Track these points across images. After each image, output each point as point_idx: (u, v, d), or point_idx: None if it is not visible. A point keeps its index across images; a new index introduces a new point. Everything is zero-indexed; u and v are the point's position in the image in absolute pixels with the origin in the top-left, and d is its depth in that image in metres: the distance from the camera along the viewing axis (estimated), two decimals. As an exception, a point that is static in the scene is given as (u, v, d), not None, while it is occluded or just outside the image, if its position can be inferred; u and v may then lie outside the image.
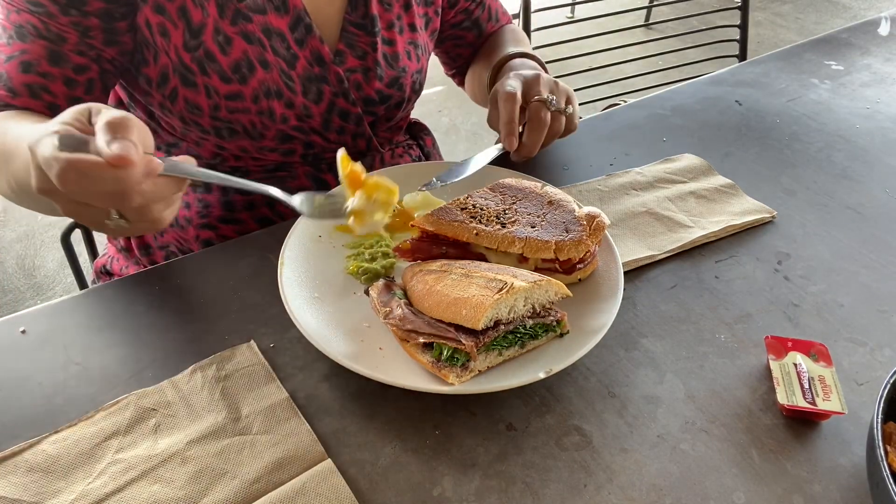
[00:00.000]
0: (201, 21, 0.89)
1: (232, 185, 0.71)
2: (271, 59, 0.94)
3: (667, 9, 4.02)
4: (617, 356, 0.78)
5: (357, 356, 0.72)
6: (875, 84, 1.35)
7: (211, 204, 1.04)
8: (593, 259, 0.83)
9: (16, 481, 0.63)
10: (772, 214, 0.98)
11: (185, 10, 0.88)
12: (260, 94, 0.95)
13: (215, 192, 1.03)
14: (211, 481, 0.63)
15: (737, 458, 0.68)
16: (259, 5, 0.91)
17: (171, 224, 1.06)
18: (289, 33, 0.94)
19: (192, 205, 1.04)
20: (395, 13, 1.04)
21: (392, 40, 1.04)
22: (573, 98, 1.01)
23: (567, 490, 0.65)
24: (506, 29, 1.27)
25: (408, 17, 1.06)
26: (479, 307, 0.68)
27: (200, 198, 1.04)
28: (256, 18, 0.92)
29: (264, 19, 0.92)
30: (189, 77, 0.92)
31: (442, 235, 0.84)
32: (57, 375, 0.73)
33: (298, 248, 0.85)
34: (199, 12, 0.89)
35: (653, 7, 3.93)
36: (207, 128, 0.96)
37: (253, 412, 0.70)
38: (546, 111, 0.95)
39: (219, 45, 0.91)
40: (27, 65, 0.84)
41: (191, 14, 0.89)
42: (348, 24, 1.00)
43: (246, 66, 0.93)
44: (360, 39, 1.01)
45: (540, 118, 0.94)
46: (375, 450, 0.67)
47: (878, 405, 0.60)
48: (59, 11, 0.83)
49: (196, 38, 0.90)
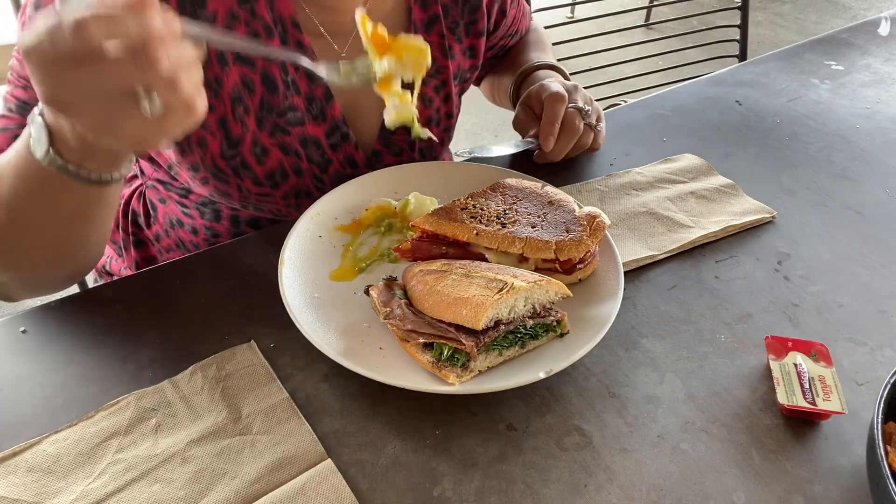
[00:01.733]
0: (240, 135, 0.89)
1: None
2: (305, 166, 0.95)
3: (667, 9, 4.02)
4: (617, 356, 0.78)
5: (357, 356, 0.72)
6: (875, 84, 1.35)
7: (220, 233, 1.03)
8: (593, 259, 0.83)
9: (16, 481, 0.63)
10: (772, 214, 0.98)
11: (225, 122, 0.88)
12: (290, 195, 0.96)
13: (224, 221, 1.02)
14: (211, 481, 0.63)
15: (737, 458, 0.68)
16: (299, 118, 0.91)
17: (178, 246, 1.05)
18: (324, 140, 0.95)
19: (199, 231, 1.03)
20: (435, 107, 1.04)
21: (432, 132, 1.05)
22: (602, 118, 1.04)
23: (567, 490, 0.65)
24: (529, 35, 1.26)
25: (446, 108, 1.06)
26: (479, 307, 0.68)
27: (209, 225, 1.02)
28: (294, 131, 0.92)
29: (302, 130, 0.92)
30: (222, 177, 0.92)
31: (442, 235, 0.84)
32: (57, 375, 0.73)
33: (298, 248, 0.85)
34: (238, 127, 0.89)
35: (653, 7, 3.93)
36: (236, 206, 0.97)
37: (253, 412, 0.70)
38: (581, 120, 0.98)
39: (255, 157, 0.91)
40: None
41: (230, 127, 0.88)
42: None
43: (279, 175, 0.94)
44: (398, 138, 1.01)
45: (574, 125, 0.97)
46: (375, 450, 0.67)
47: (878, 405, 0.60)
48: None
49: (233, 148, 0.90)
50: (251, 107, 0.88)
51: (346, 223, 0.92)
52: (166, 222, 1.05)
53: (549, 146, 0.97)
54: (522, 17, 1.21)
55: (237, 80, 0.86)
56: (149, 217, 1.07)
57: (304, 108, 0.92)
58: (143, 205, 1.07)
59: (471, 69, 1.09)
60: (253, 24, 0.85)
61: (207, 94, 0.75)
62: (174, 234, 1.05)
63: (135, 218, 1.08)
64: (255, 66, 0.87)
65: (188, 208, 1.02)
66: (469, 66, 1.08)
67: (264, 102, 0.89)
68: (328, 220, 0.91)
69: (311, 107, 0.92)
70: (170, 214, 1.04)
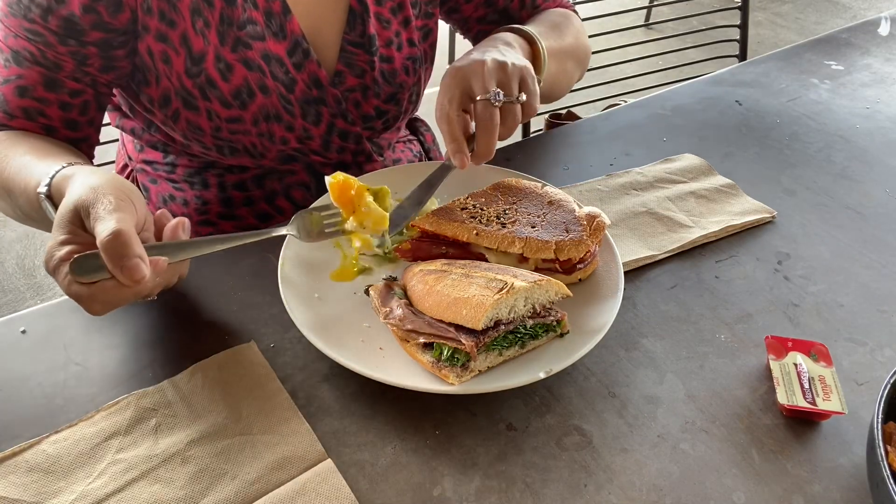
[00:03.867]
0: (202, 49, 0.90)
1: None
2: (270, 84, 0.94)
3: (667, 9, 4.02)
4: (617, 356, 0.78)
5: (357, 356, 0.72)
6: (875, 84, 1.35)
7: (209, 201, 1.04)
8: (593, 259, 0.83)
9: (16, 481, 0.63)
10: (772, 214, 0.98)
11: (186, 38, 0.89)
12: (260, 117, 0.95)
13: (213, 188, 1.04)
14: (211, 481, 0.63)
15: (737, 458, 0.68)
16: (259, 32, 0.91)
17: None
18: (287, 58, 0.94)
19: (190, 202, 1.05)
20: (394, 30, 1.03)
21: (390, 57, 1.03)
22: (527, 78, 0.89)
23: (567, 490, 0.65)
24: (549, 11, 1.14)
25: (406, 33, 1.04)
26: (479, 307, 0.68)
27: (198, 194, 1.04)
28: (256, 45, 0.92)
29: (263, 46, 0.92)
30: (191, 101, 0.92)
31: (442, 235, 0.84)
32: (57, 375, 0.73)
33: (298, 248, 0.85)
34: (200, 40, 0.89)
35: (653, 7, 3.93)
36: (209, 145, 0.96)
37: (253, 412, 0.70)
38: (494, 110, 0.85)
39: (220, 72, 0.91)
40: (23, 89, 0.85)
41: (192, 42, 0.89)
42: (347, 43, 1.00)
43: (246, 92, 0.93)
44: (359, 58, 1.01)
45: (487, 120, 0.85)
46: (375, 450, 0.67)
47: (878, 405, 0.60)
48: (58, 41, 0.83)
49: (197, 65, 0.90)
50: (211, 21, 0.89)
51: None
52: (159, 200, 1.07)
53: (463, 165, 0.88)
54: None
55: None
56: None
57: (263, 22, 0.92)
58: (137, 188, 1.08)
59: (430, 2, 1.07)
60: None
61: (166, 9, 0.86)
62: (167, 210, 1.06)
63: None
64: None
65: (178, 183, 1.05)
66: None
67: (224, 16, 0.89)
68: (328, 220, 0.91)
69: (271, 22, 0.92)
70: (161, 193, 1.07)
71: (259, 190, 1.04)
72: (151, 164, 1.06)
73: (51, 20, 0.82)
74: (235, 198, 1.04)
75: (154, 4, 0.86)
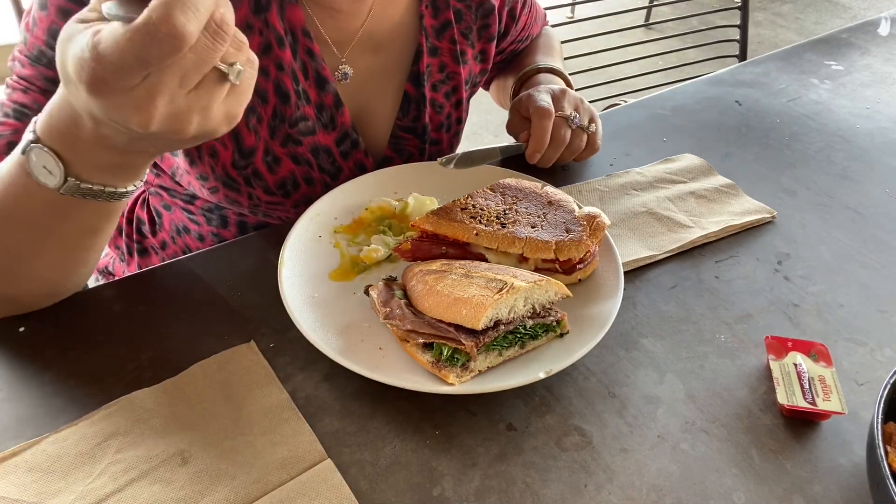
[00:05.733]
0: (253, 145, 0.89)
1: None
2: (316, 176, 0.95)
3: (667, 9, 4.03)
4: (617, 356, 0.78)
5: (357, 356, 0.72)
6: (875, 84, 1.35)
7: (226, 239, 1.02)
8: (593, 259, 0.83)
9: (16, 481, 0.63)
10: (772, 214, 0.98)
11: (237, 133, 0.88)
12: (301, 202, 0.96)
13: (231, 227, 1.02)
14: (211, 481, 0.63)
15: (737, 458, 0.68)
16: (310, 128, 0.92)
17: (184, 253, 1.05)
18: (335, 147, 0.95)
19: (206, 238, 1.03)
20: (446, 113, 1.04)
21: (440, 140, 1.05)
22: (596, 118, 1.02)
23: (567, 490, 0.65)
24: (540, 36, 1.25)
25: (457, 113, 1.06)
26: (479, 307, 0.68)
27: (215, 231, 1.02)
28: (306, 140, 0.92)
29: (314, 140, 0.93)
30: (233, 185, 0.92)
31: (442, 235, 0.84)
32: (57, 375, 0.73)
33: (298, 248, 0.85)
34: (252, 137, 0.89)
35: (653, 7, 3.93)
36: (245, 213, 0.97)
37: (253, 412, 0.70)
38: (567, 129, 0.96)
39: (267, 166, 0.91)
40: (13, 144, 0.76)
41: (243, 138, 0.88)
42: (398, 129, 1.00)
43: (291, 184, 0.94)
44: (409, 143, 1.02)
45: (560, 134, 0.96)
46: (375, 450, 0.67)
47: (878, 405, 0.60)
48: None
49: (245, 158, 0.90)
50: (264, 116, 0.89)
51: (346, 223, 0.92)
52: (172, 229, 1.05)
53: (533, 160, 0.98)
54: (534, 22, 1.21)
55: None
56: (154, 224, 1.06)
57: (314, 116, 0.92)
58: (148, 212, 1.06)
59: (481, 73, 1.09)
60: (266, 33, 0.85)
61: None
62: (181, 241, 1.05)
63: (139, 225, 1.08)
64: (269, 75, 0.87)
65: (194, 214, 1.02)
66: (479, 70, 1.08)
67: (276, 112, 0.89)
68: (328, 220, 0.91)
69: (322, 115, 0.92)
70: (175, 221, 1.04)
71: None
72: (168, 190, 1.01)
73: None
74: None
75: None
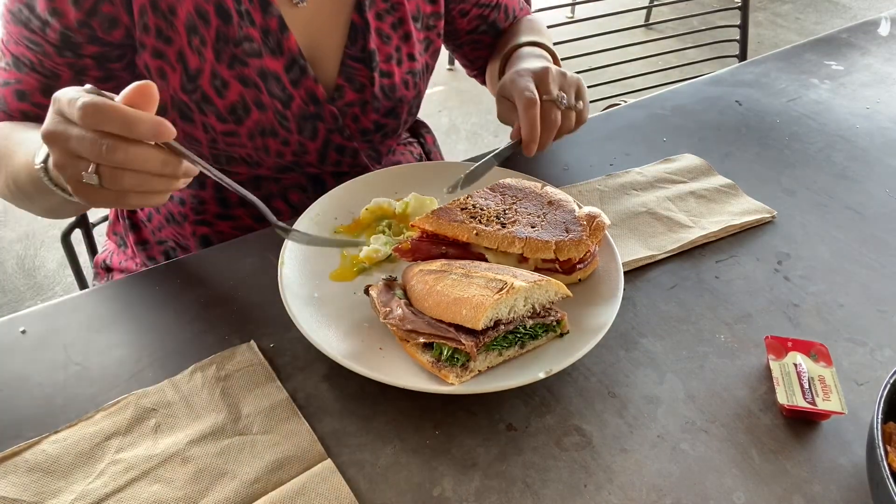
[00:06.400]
0: (198, 66, 0.90)
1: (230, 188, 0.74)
2: (266, 100, 0.94)
3: (667, 9, 4.02)
4: (617, 356, 0.78)
5: (357, 356, 0.72)
6: (875, 84, 1.35)
7: (206, 200, 1.04)
8: (593, 259, 0.83)
9: (16, 481, 0.63)
10: (772, 214, 0.98)
11: (182, 55, 0.89)
12: (255, 132, 0.96)
13: (209, 188, 1.04)
14: (211, 481, 0.63)
15: (737, 458, 0.68)
16: (255, 49, 0.92)
17: (168, 220, 1.07)
18: (284, 75, 0.94)
19: (187, 201, 1.05)
20: (394, 45, 1.03)
21: (390, 72, 1.03)
22: (583, 89, 0.98)
23: (567, 490, 0.65)
24: (523, 20, 1.23)
25: (407, 48, 1.05)
26: (479, 307, 0.68)
27: (195, 193, 1.04)
28: (252, 62, 0.92)
29: (260, 62, 0.92)
30: (187, 113, 0.93)
31: (442, 235, 0.84)
32: (57, 375, 0.73)
33: (298, 248, 0.85)
34: (196, 58, 0.89)
35: (653, 7, 3.93)
36: (205, 154, 0.97)
37: (253, 412, 0.70)
38: (557, 111, 0.94)
39: (215, 89, 0.92)
40: (22, 94, 0.87)
41: (188, 59, 0.89)
42: (347, 58, 1.00)
43: (241, 108, 0.94)
44: (359, 73, 1.01)
45: (551, 119, 0.93)
46: (375, 450, 0.67)
47: (878, 405, 0.60)
48: (55, 52, 0.85)
49: (193, 81, 0.91)
50: (207, 38, 0.89)
51: (346, 223, 0.92)
52: None
53: (531, 152, 0.95)
54: None
55: (191, 10, 0.87)
56: None
57: (259, 39, 0.92)
58: None
59: (433, 16, 1.08)
60: None
61: (163, 26, 0.86)
62: (164, 209, 1.07)
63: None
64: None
65: None
66: (431, 11, 1.07)
67: (220, 33, 0.89)
68: (328, 220, 0.91)
69: (268, 39, 0.92)
70: None
71: (256, 191, 1.04)
72: None
73: (48, 32, 0.83)
74: (232, 198, 1.05)
75: (150, 22, 0.86)
